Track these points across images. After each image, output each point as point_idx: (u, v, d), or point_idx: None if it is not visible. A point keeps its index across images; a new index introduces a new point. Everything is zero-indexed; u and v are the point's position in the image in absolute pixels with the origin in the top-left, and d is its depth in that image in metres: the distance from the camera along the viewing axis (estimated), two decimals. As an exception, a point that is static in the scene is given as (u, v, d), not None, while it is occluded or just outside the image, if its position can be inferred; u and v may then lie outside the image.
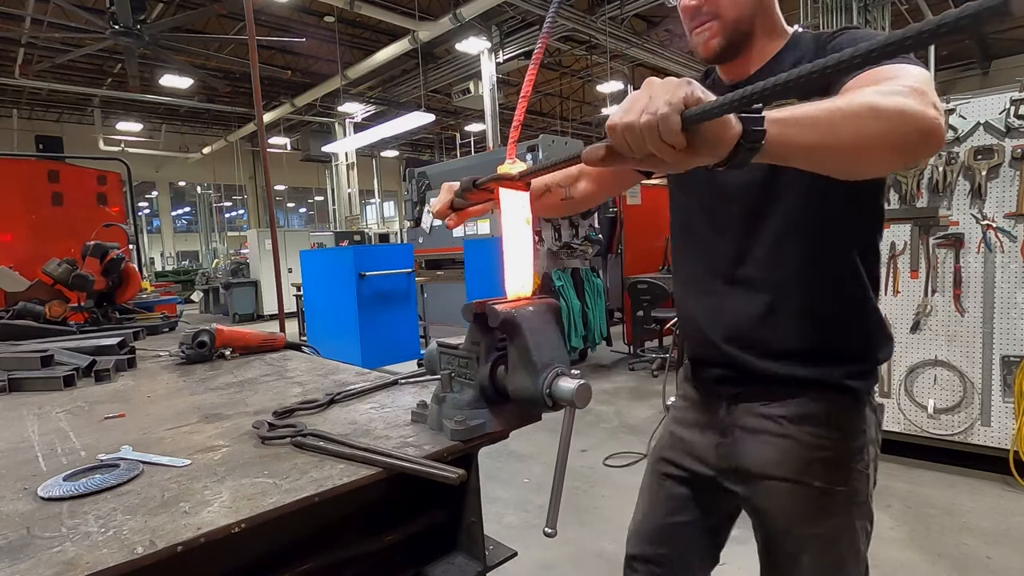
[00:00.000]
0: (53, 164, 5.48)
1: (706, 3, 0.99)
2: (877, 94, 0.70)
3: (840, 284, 1.00)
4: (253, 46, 3.64)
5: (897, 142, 0.70)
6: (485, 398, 0.80)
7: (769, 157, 0.66)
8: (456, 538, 0.91)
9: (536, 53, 0.89)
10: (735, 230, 1.04)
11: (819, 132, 0.67)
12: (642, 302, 5.80)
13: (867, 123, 0.68)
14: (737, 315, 1.04)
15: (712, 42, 1.00)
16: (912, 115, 0.69)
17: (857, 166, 0.73)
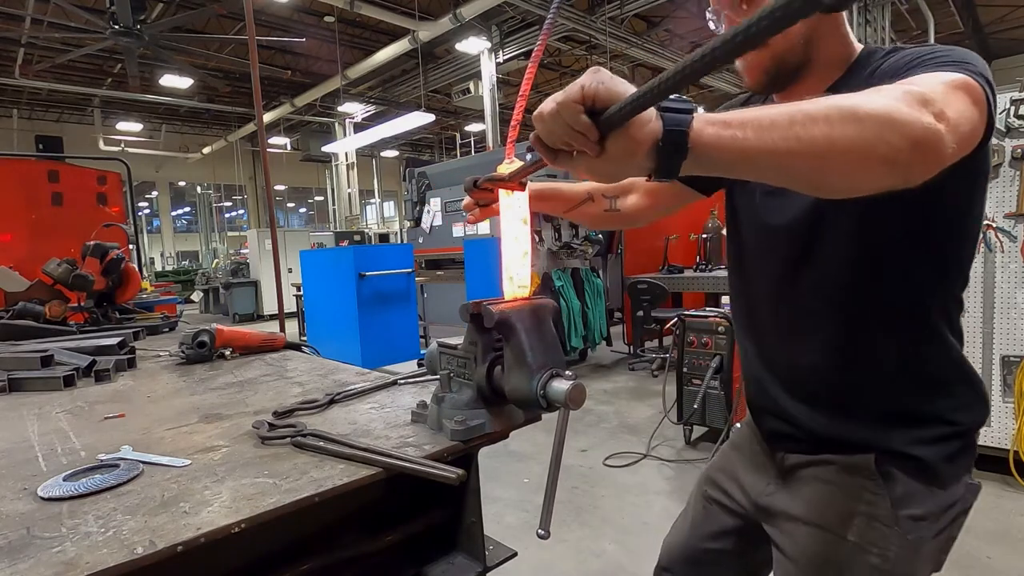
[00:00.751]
0: (53, 164, 5.48)
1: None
2: (863, 95, 0.61)
3: (904, 335, 0.87)
4: (253, 46, 3.64)
5: (884, 152, 0.57)
6: (483, 398, 0.80)
7: (710, 165, 0.58)
8: (456, 538, 0.91)
9: (536, 52, 0.89)
10: (780, 274, 0.94)
11: (774, 136, 0.57)
12: (642, 302, 5.80)
13: (841, 127, 0.57)
14: (790, 367, 0.96)
15: (757, 74, 0.92)
16: (900, 121, 0.58)
17: (828, 179, 0.61)
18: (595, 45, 11.73)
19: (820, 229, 0.87)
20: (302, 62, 13.87)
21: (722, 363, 3.55)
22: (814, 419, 0.93)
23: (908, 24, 10.86)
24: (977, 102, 0.67)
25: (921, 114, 0.59)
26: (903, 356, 0.87)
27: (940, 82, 0.67)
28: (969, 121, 0.65)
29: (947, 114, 0.61)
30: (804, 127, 0.57)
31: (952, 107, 0.63)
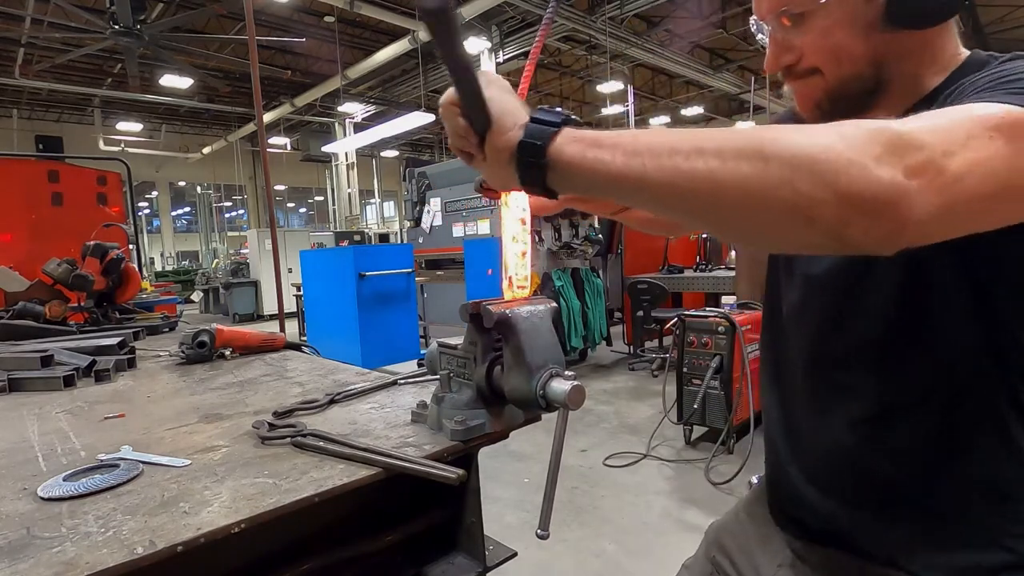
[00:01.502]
0: (53, 164, 5.49)
1: (805, 56, 0.71)
2: (796, 129, 0.47)
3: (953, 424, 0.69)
4: (253, 46, 3.64)
5: (790, 201, 0.44)
6: (482, 398, 0.80)
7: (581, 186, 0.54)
8: (456, 538, 0.91)
9: (533, 50, 0.89)
10: (814, 332, 0.80)
11: (647, 164, 0.48)
12: (642, 302, 5.80)
13: (734, 164, 0.45)
14: (812, 443, 0.81)
15: (810, 104, 0.74)
16: (825, 166, 0.43)
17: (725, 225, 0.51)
18: (595, 45, 11.74)
19: (865, 282, 0.72)
20: (302, 62, 13.87)
21: (722, 363, 3.55)
22: (830, 509, 0.78)
23: (908, 24, 10.85)
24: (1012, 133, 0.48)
25: (875, 162, 0.43)
26: (949, 450, 0.68)
27: (965, 118, 0.49)
28: (996, 176, 0.47)
29: (944, 165, 0.45)
30: (687, 159, 0.47)
31: (964, 156, 0.46)
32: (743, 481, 3.15)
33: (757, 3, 0.75)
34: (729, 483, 3.12)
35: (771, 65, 0.75)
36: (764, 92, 11.37)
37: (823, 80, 0.72)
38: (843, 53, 0.69)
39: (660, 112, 19.84)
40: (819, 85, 0.73)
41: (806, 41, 0.71)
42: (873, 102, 0.73)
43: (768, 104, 12.09)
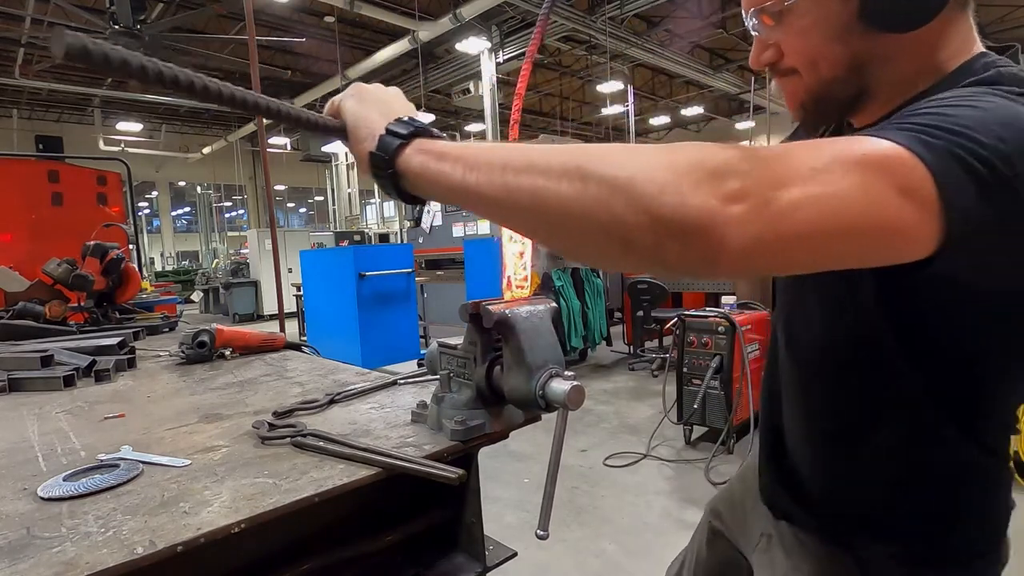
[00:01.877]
0: (53, 164, 5.49)
1: (786, 55, 0.71)
2: (621, 149, 0.46)
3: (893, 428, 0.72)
4: (253, 46, 3.64)
5: (607, 224, 0.44)
6: (482, 399, 0.80)
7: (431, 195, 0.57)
8: (456, 538, 0.91)
9: (530, 49, 0.89)
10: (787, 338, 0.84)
11: (481, 179, 0.50)
12: (642, 302, 5.80)
13: (556, 183, 0.46)
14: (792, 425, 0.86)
15: (793, 106, 0.74)
16: (640, 189, 0.42)
17: (553, 242, 0.51)
18: (595, 45, 11.74)
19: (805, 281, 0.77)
20: (302, 62, 13.87)
21: (722, 363, 3.55)
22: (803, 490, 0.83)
23: (908, 24, 10.86)
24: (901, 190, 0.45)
25: (692, 188, 0.42)
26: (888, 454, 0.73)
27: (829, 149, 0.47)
28: (836, 214, 0.44)
29: (772, 196, 0.43)
30: (516, 175, 0.48)
31: (804, 189, 0.44)
32: (743, 481, 3.15)
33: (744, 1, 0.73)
34: (729, 483, 3.12)
35: (753, 61, 0.75)
36: (764, 92, 11.37)
37: (803, 81, 0.71)
38: (819, 56, 0.68)
39: (660, 112, 19.84)
40: (800, 86, 0.72)
41: (785, 41, 0.70)
42: (859, 107, 0.71)
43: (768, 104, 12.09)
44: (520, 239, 0.82)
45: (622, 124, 16.28)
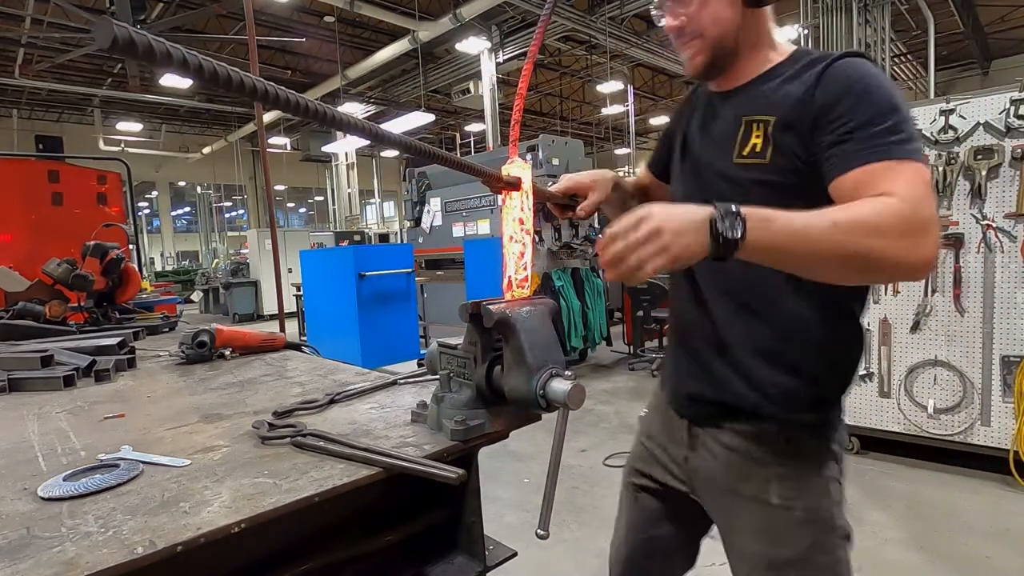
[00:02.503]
0: (53, 164, 5.48)
1: (688, 23, 0.96)
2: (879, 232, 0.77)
3: (779, 309, 0.93)
4: (253, 46, 3.64)
5: (890, 272, 0.80)
6: (482, 398, 0.80)
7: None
8: (456, 538, 0.91)
9: (531, 49, 0.89)
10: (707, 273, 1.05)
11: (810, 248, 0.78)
12: (642, 302, 5.80)
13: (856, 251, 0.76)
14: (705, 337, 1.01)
15: (697, 59, 0.98)
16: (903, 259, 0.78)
17: (849, 279, 0.86)
18: (595, 45, 11.74)
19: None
20: (302, 62, 13.87)
21: (722, 363, 3.55)
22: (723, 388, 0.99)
23: (908, 24, 10.86)
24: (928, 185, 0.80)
25: (919, 249, 0.76)
26: (782, 327, 0.94)
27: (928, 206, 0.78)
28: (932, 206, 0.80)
29: (932, 237, 0.76)
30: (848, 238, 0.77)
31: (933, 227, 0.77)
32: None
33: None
34: (729, 483, 3.12)
35: (670, 27, 0.99)
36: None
37: (704, 40, 0.96)
38: (718, 17, 0.94)
39: (660, 112, 19.81)
40: (703, 45, 0.96)
41: (692, 10, 0.95)
42: (731, 64, 0.98)
43: (768, 104, 12.01)
44: (520, 239, 0.82)
45: (622, 124, 16.27)
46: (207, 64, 0.47)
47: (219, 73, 0.48)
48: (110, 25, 0.38)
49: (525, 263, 0.84)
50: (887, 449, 3.38)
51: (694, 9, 0.94)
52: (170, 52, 0.43)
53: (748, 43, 0.97)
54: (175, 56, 0.44)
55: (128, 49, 0.40)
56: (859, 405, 3.38)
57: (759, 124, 0.92)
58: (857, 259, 0.74)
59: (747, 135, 0.93)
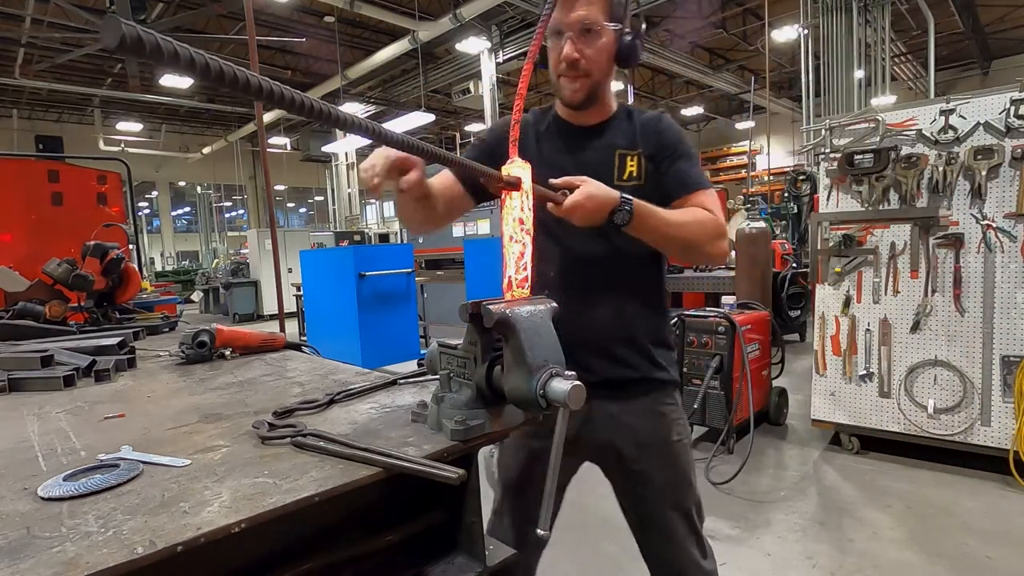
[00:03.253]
0: (53, 164, 5.48)
1: (585, 61, 1.18)
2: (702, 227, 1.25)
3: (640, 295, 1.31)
4: (253, 46, 3.64)
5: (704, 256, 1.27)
6: (482, 398, 0.80)
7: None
8: (456, 538, 0.91)
9: (531, 49, 0.89)
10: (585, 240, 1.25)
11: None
12: (642, 302, 5.79)
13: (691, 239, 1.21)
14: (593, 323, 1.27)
15: (579, 93, 1.21)
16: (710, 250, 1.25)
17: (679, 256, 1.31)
18: (595, 45, 11.70)
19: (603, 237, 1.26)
20: (302, 62, 13.87)
21: (722, 363, 3.55)
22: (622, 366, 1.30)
23: (908, 24, 10.86)
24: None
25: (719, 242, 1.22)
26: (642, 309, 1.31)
27: (719, 217, 1.22)
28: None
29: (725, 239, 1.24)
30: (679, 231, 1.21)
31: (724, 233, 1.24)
32: (743, 481, 3.15)
33: (568, 16, 1.15)
34: (729, 483, 3.12)
35: (569, 56, 1.17)
36: (764, 92, 11.36)
37: (589, 80, 1.20)
38: (603, 65, 1.21)
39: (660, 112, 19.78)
40: (586, 84, 1.21)
41: (590, 53, 1.18)
42: (592, 104, 1.26)
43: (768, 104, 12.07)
44: (520, 239, 0.82)
45: (622, 124, 16.22)
46: (214, 63, 0.47)
47: (225, 72, 0.48)
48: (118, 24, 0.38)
49: (525, 263, 0.84)
50: (887, 449, 3.38)
51: (593, 52, 1.17)
52: (177, 51, 0.43)
53: (606, 91, 1.27)
54: (183, 55, 0.44)
55: (136, 48, 0.39)
56: (859, 405, 3.38)
57: (632, 156, 1.25)
58: (689, 244, 1.17)
59: (623, 164, 1.25)
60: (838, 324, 3.43)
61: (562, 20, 1.17)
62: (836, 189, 3.41)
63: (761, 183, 13.11)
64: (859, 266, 3.36)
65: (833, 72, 8.32)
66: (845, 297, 3.40)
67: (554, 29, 1.18)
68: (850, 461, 3.38)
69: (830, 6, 8.26)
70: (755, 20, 12.51)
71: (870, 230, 3.30)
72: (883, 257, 3.27)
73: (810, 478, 3.21)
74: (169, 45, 0.43)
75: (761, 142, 14.60)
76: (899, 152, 3.18)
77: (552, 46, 1.21)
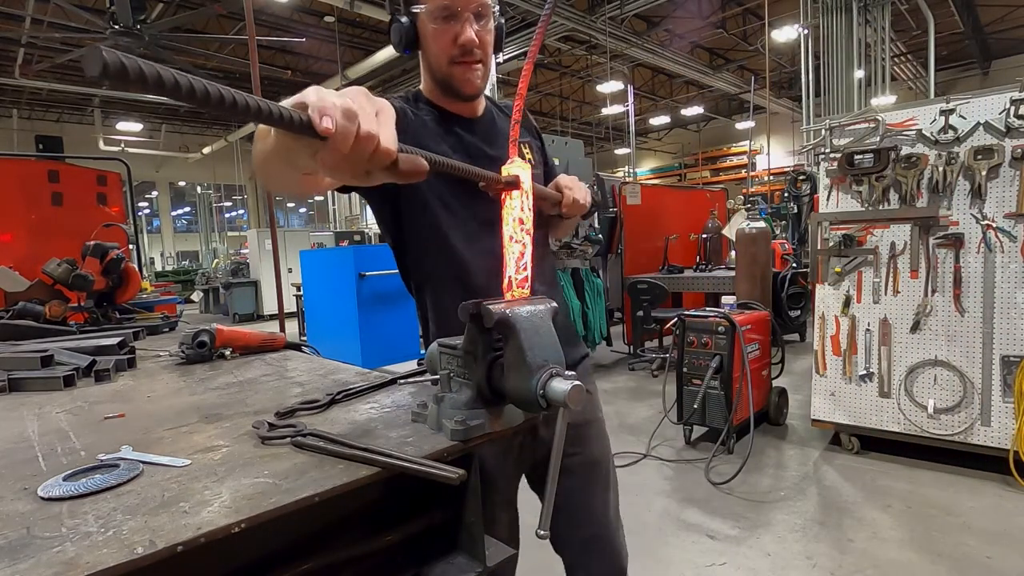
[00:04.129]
0: (53, 164, 5.48)
1: (481, 47, 1.10)
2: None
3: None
4: (253, 46, 3.64)
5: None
6: (482, 398, 0.80)
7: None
8: (456, 538, 0.91)
9: (531, 49, 0.89)
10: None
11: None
12: (642, 302, 5.80)
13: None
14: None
15: (482, 82, 1.14)
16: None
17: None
18: (595, 45, 11.74)
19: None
20: (302, 62, 13.87)
21: (722, 363, 3.55)
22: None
23: (908, 24, 10.86)
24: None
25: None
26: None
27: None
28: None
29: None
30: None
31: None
32: (743, 481, 3.15)
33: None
34: (729, 483, 3.12)
35: (471, 40, 1.07)
36: (764, 92, 11.36)
37: (485, 68, 1.12)
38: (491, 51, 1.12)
39: (660, 112, 19.82)
40: (485, 72, 1.12)
41: (485, 37, 1.09)
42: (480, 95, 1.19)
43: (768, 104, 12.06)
44: (520, 239, 0.82)
45: (622, 124, 16.27)
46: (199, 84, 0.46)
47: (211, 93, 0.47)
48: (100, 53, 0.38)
49: (525, 263, 0.84)
50: (887, 449, 3.38)
51: (487, 36, 1.10)
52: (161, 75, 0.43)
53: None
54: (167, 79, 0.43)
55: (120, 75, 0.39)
56: (859, 405, 3.38)
57: (525, 143, 1.25)
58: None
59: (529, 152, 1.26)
60: (838, 324, 3.43)
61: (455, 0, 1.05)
62: (836, 189, 3.41)
63: (761, 183, 13.13)
64: (859, 266, 3.36)
65: (833, 72, 8.33)
66: (845, 297, 3.40)
67: (442, 11, 1.05)
68: (850, 461, 3.38)
69: (830, 6, 8.27)
70: (755, 20, 12.51)
71: (870, 230, 3.31)
72: (883, 257, 3.27)
73: (810, 478, 3.21)
74: (152, 70, 0.42)
75: (761, 142, 14.60)
76: (899, 152, 3.18)
77: (441, 29, 1.07)
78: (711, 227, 6.80)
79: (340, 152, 0.56)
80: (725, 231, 6.27)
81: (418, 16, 1.09)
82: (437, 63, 1.11)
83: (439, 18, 1.06)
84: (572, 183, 1.15)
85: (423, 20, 1.09)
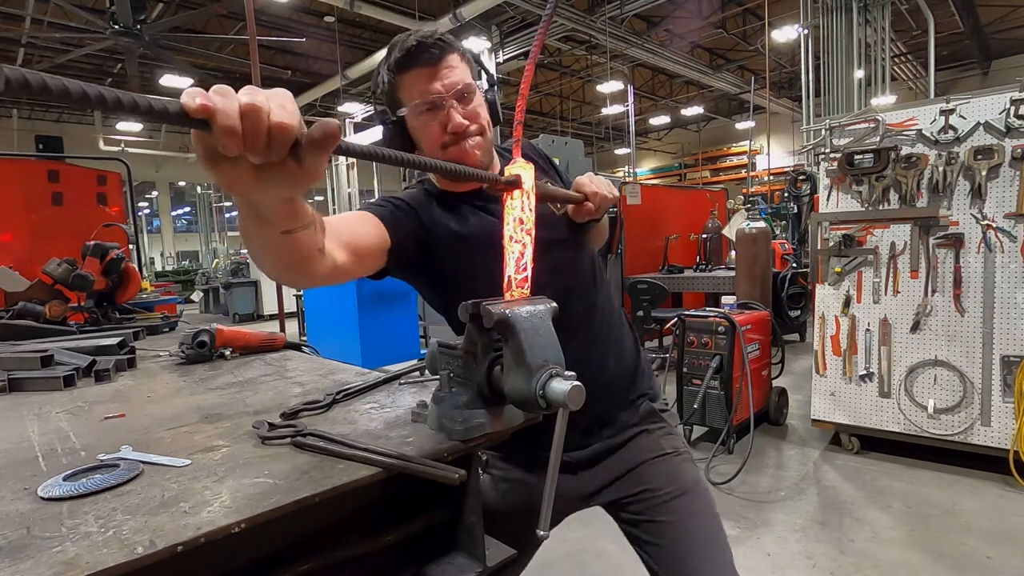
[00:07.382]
0: (53, 164, 5.48)
1: (475, 122, 1.08)
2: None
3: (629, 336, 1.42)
4: (253, 46, 3.64)
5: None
6: (482, 398, 0.80)
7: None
8: (456, 538, 0.91)
9: (533, 50, 0.89)
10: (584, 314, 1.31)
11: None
12: (642, 302, 5.80)
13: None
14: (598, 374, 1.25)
15: (478, 153, 1.10)
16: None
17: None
18: (595, 45, 11.74)
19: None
20: (302, 62, 13.87)
21: (722, 363, 3.55)
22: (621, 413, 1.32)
23: (908, 24, 10.86)
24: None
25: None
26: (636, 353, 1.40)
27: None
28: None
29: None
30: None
31: None
32: (743, 481, 3.15)
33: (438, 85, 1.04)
34: (729, 483, 3.12)
35: (460, 124, 1.06)
36: (764, 92, 11.36)
37: (484, 140, 1.11)
38: (487, 120, 1.12)
39: (660, 112, 19.82)
40: (480, 143, 1.10)
41: (471, 112, 1.08)
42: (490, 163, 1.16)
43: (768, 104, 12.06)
44: (520, 239, 0.82)
45: (622, 124, 16.27)
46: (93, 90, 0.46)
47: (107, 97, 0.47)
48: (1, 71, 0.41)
49: (525, 263, 0.84)
50: (887, 449, 3.38)
51: (478, 108, 1.10)
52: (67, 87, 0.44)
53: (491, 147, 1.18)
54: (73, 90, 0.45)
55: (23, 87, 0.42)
56: (859, 405, 3.38)
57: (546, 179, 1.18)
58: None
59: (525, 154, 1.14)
60: (838, 324, 3.43)
61: (432, 91, 1.04)
62: (836, 189, 3.41)
63: (761, 183, 13.12)
64: (859, 266, 3.36)
65: (833, 72, 8.33)
66: (845, 297, 3.40)
67: (423, 105, 1.04)
68: (850, 461, 3.38)
69: (830, 6, 8.27)
70: (755, 20, 12.51)
71: (870, 230, 3.31)
72: (883, 257, 3.27)
73: (810, 478, 3.21)
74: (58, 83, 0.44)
75: (761, 142, 14.59)
76: (899, 152, 3.18)
77: (427, 122, 1.06)
78: (711, 227, 6.80)
79: (231, 133, 0.49)
80: (725, 231, 6.26)
81: (404, 118, 1.09)
82: (432, 154, 1.07)
83: (423, 112, 1.06)
84: (589, 179, 1.11)
85: (410, 119, 1.08)
